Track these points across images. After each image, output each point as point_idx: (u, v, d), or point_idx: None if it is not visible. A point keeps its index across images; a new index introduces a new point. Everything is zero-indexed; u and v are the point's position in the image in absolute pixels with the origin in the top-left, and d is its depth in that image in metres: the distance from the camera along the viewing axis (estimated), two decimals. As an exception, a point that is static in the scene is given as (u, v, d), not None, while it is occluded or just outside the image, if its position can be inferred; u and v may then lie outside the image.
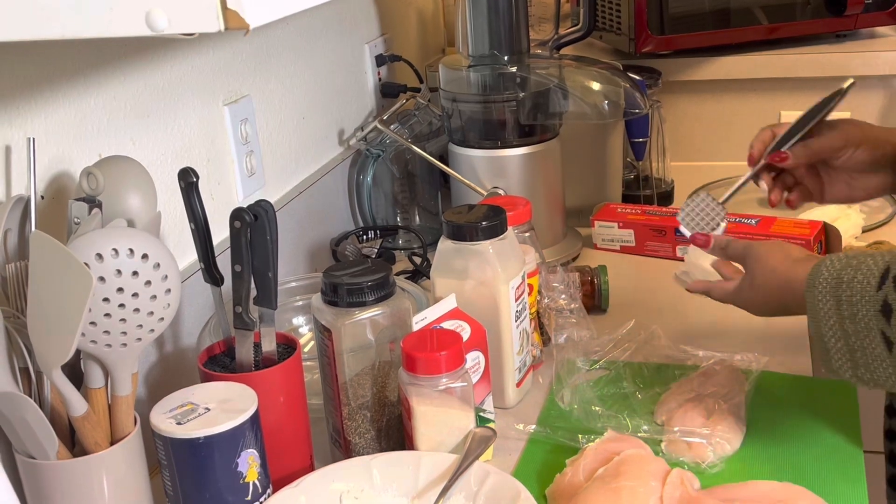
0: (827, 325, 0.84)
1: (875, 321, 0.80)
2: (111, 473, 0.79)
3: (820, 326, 0.85)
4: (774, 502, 0.82)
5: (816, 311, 0.85)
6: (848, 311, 0.82)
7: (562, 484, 0.90)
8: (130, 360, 0.78)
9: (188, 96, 1.11)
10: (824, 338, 0.84)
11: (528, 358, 1.10)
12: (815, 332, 0.85)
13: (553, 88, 1.35)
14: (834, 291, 0.83)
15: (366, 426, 0.95)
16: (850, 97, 1.75)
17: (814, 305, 0.85)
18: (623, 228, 1.46)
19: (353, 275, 0.92)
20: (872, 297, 0.80)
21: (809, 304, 0.86)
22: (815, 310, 0.85)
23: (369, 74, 1.62)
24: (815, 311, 0.85)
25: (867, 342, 0.81)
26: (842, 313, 0.82)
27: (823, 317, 0.84)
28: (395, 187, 1.56)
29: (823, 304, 0.84)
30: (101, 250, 0.73)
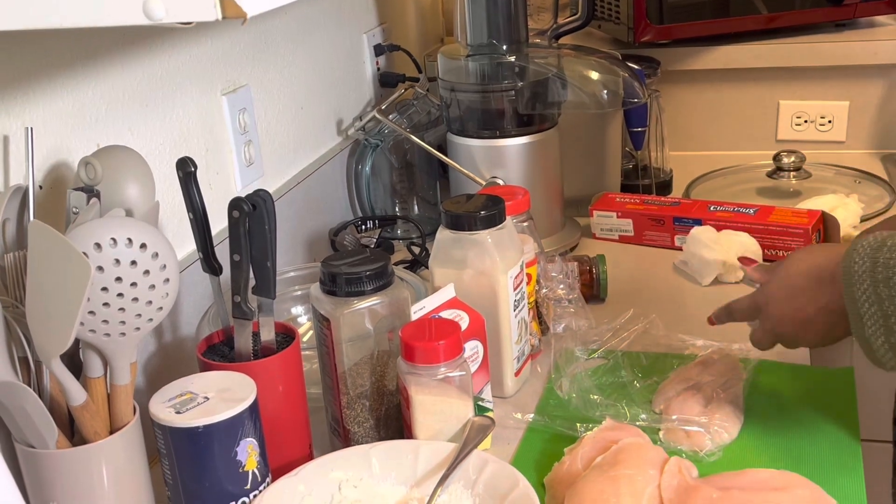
0: (861, 289, 0.81)
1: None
2: (110, 463, 0.79)
3: (853, 290, 0.82)
4: (772, 490, 0.82)
5: (851, 273, 0.82)
6: (883, 274, 0.79)
7: (560, 472, 0.90)
8: (129, 349, 0.78)
9: (186, 86, 1.11)
10: (857, 302, 0.82)
11: (527, 347, 1.10)
12: (848, 297, 0.82)
13: (552, 78, 1.35)
14: (873, 253, 0.81)
15: (365, 415, 0.96)
16: (850, 88, 1.76)
17: (848, 268, 0.82)
18: (622, 218, 1.46)
19: (352, 264, 0.92)
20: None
21: (844, 267, 0.83)
22: (850, 273, 0.82)
23: (368, 64, 1.61)
24: (850, 274, 0.82)
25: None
26: (876, 276, 0.80)
27: (858, 280, 0.81)
28: (393, 177, 1.56)
29: (859, 266, 0.81)
30: (100, 240, 0.73)
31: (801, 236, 1.32)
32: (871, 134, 1.77)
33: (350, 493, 0.86)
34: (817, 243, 0.94)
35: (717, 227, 1.34)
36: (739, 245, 1.30)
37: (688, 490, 0.83)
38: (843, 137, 1.77)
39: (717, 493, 0.81)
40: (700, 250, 1.30)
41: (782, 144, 1.74)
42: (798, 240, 1.32)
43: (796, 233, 1.32)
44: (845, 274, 0.83)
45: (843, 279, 0.83)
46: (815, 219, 1.33)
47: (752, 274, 1.04)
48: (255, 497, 0.83)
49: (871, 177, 1.63)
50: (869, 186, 1.60)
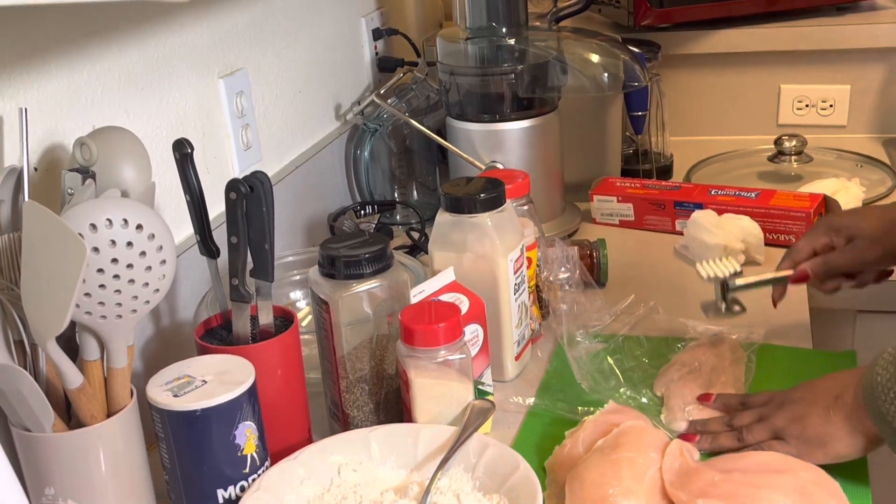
0: (888, 399, 0.77)
1: None
2: (108, 446, 0.78)
3: (879, 405, 0.78)
4: (774, 472, 0.81)
5: (874, 386, 0.78)
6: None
7: (561, 456, 0.90)
8: (126, 331, 0.78)
9: (183, 69, 1.10)
10: (887, 417, 0.77)
11: (527, 331, 1.09)
12: (876, 415, 0.78)
13: (552, 61, 1.34)
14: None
15: (364, 399, 0.95)
16: (851, 72, 1.75)
17: (871, 381, 0.79)
18: (622, 203, 1.45)
19: (351, 247, 0.92)
20: None
21: (866, 382, 0.79)
22: (873, 386, 0.78)
23: (366, 48, 1.60)
24: (873, 387, 0.78)
25: None
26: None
27: (882, 391, 0.77)
28: (392, 162, 1.55)
29: (883, 376, 0.78)
30: (95, 220, 0.72)
31: (803, 220, 1.31)
32: (872, 118, 1.76)
33: (350, 476, 0.86)
34: None
35: (719, 212, 1.33)
36: (741, 229, 1.29)
37: (689, 473, 0.82)
38: (845, 121, 1.76)
39: (718, 476, 0.81)
40: (701, 234, 1.29)
41: (783, 129, 1.73)
42: (799, 223, 1.31)
43: (798, 216, 1.31)
44: (868, 391, 0.79)
45: (865, 398, 0.79)
46: (817, 202, 1.33)
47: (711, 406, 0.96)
48: (254, 481, 0.82)
49: (872, 161, 1.62)
50: (870, 171, 1.59)
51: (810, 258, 1.01)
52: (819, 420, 0.84)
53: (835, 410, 0.83)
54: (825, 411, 0.84)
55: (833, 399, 0.83)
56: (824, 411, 0.84)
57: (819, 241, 1.01)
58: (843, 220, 1.01)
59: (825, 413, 0.83)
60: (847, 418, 0.82)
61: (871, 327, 1.30)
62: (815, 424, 0.84)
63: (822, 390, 0.86)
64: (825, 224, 1.02)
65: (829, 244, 1.00)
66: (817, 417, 0.84)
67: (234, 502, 0.81)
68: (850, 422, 0.82)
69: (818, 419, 0.84)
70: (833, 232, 1.00)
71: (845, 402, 0.82)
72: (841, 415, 0.82)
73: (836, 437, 0.82)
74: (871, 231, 0.98)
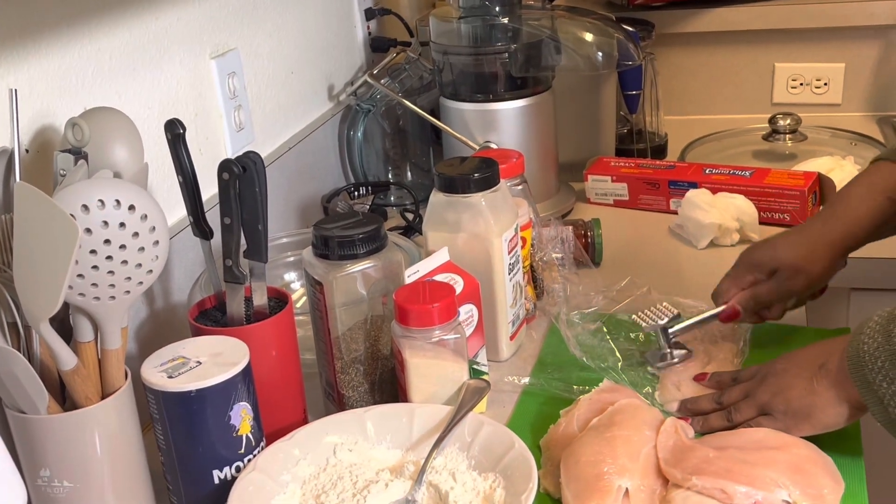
0: (875, 368, 0.75)
1: None
2: (103, 427, 0.78)
3: (866, 374, 0.76)
4: (767, 449, 0.81)
5: (861, 354, 0.76)
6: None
7: (556, 434, 0.90)
8: (119, 312, 0.77)
9: (174, 49, 1.09)
10: (873, 385, 0.75)
11: (522, 311, 1.09)
12: (861, 383, 0.76)
13: (545, 40, 1.33)
14: (885, 327, 0.75)
15: (359, 379, 0.95)
16: (846, 50, 1.74)
17: (857, 349, 0.77)
18: (616, 182, 1.45)
19: (344, 227, 0.91)
20: None
21: (852, 350, 0.77)
22: (859, 354, 0.76)
23: (358, 28, 1.60)
24: (859, 355, 0.76)
25: None
26: (892, 347, 0.74)
27: (870, 359, 0.75)
28: (386, 143, 1.54)
29: (870, 344, 0.76)
30: (87, 201, 0.71)
31: (797, 198, 1.31)
32: (866, 96, 1.75)
33: (345, 456, 0.86)
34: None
35: (713, 190, 1.33)
36: (735, 208, 1.29)
37: (684, 450, 0.82)
38: (839, 100, 1.76)
39: (713, 453, 0.81)
40: (695, 213, 1.29)
41: (778, 107, 1.73)
42: (794, 202, 1.31)
43: (792, 195, 1.31)
44: (853, 360, 0.77)
45: (850, 366, 0.77)
46: (812, 181, 1.32)
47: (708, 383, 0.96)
48: (250, 461, 0.82)
49: (866, 139, 1.62)
50: (864, 149, 1.59)
51: None
52: (803, 391, 0.83)
53: (818, 380, 0.82)
54: (809, 382, 0.82)
55: (817, 368, 0.82)
56: (808, 382, 0.82)
57: (743, 280, 1.00)
58: (762, 255, 0.99)
59: (809, 384, 0.82)
60: (831, 387, 0.81)
61: (864, 305, 1.30)
62: (800, 396, 0.83)
63: (805, 360, 0.85)
64: (745, 261, 1.01)
65: (753, 281, 0.99)
66: (801, 389, 0.83)
67: (229, 483, 0.80)
68: (834, 390, 0.81)
69: (802, 391, 0.83)
70: (754, 268, 0.99)
71: (829, 370, 0.81)
72: (825, 384, 0.81)
73: (821, 408, 0.81)
74: (792, 261, 0.96)
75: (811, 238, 0.97)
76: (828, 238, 0.96)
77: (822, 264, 0.96)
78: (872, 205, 0.95)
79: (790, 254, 0.97)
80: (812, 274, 0.96)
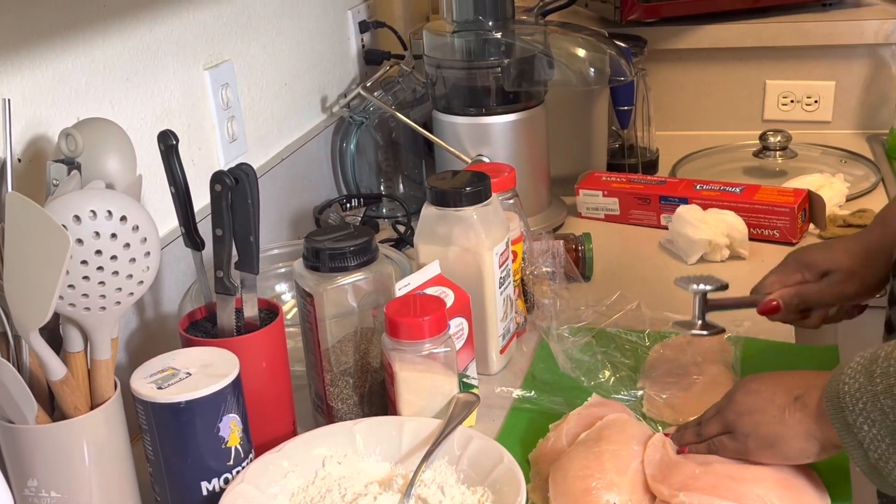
0: (856, 410, 0.71)
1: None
2: (91, 438, 0.78)
3: (846, 415, 0.72)
4: (754, 465, 0.81)
5: (841, 395, 0.73)
6: (883, 385, 0.70)
7: (545, 448, 0.90)
8: (110, 323, 0.77)
9: (168, 60, 1.10)
10: (853, 428, 0.72)
11: (512, 325, 1.09)
12: (841, 425, 0.73)
13: (538, 55, 1.34)
14: (868, 366, 0.72)
15: (348, 392, 0.95)
16: (836, 67, 1.76)
17: (836, 389, 0.73)
18: (608, 197, 1.45)
19: (336, 239, 0.92)
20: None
21: (831, 390, 0.74)
22: (839, 395, 0.73)
23: (352, 41, 1.60)
24: (839, 396, 0.73)
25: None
26: (875, 388, 0.70)
27: (850, 400, 0.72)
28: (378, 156, 1.55)
29: (851, 385, 0.72)
30: (79, 212, 0.71)
31: (787, 215, 1.32)
32: (856, 114, 1.76)
33: (334, 469, 0.86)
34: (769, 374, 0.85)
35: (703, 206, 1.33)
36: (725, 224, 1.30)
37: (670, 466, 0.83)
38: (829, 117, 1.77)
39: (699, 469, 0.81)
40: (686, 229, 1.30)
41: (768, 124, 1.74)
42: (784, 218, 1.32)
43: (782, 211, 1.32)
44: (833, 400, 0.74)
45: (830, 407, 0.74)
46: (801, 198, 1.33)
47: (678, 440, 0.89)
48: (238, 473, 0.82)
49: (856, 156, 1.63)
50: (854, 166, 1.60)
51: None
52: (772, 419, 0.79)
53: (791, 412, 0.78)
54: (780, 411, 0.79)
55: (792, 400, 0.78)
56: (779, 410, 0.79)
57: (791, 278, 0.96)
58: (816, 255, 0.97)
59: (780, 413, 0.78)
60: (803, 421, 0.77)
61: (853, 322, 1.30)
62: (767, 423, 0.79)
63: (780, 387, 0.80)
64: (795, 259, 0.98)
65: (801, 279, 0.96)
66: (770, 416, 0.79)
67: (217, 494, 0.80)
68: (804, 426, 0.77)
69: (771, 418, 0.79)
70: (805, 267, 0.96)
71: (806, 405, 0.77)
72: (798, 417, 0.77)
73: (787, 440, 0.78)
74: (849, 265, 0.94)
75: (870, 245, 0.95)
76: (884, 247, 0.94)
77: (877, 272, 0.94)
78: None
79: (847, 258, 0.95)
80: (867, 280, 0.94)
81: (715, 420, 0.84)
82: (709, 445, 0.84)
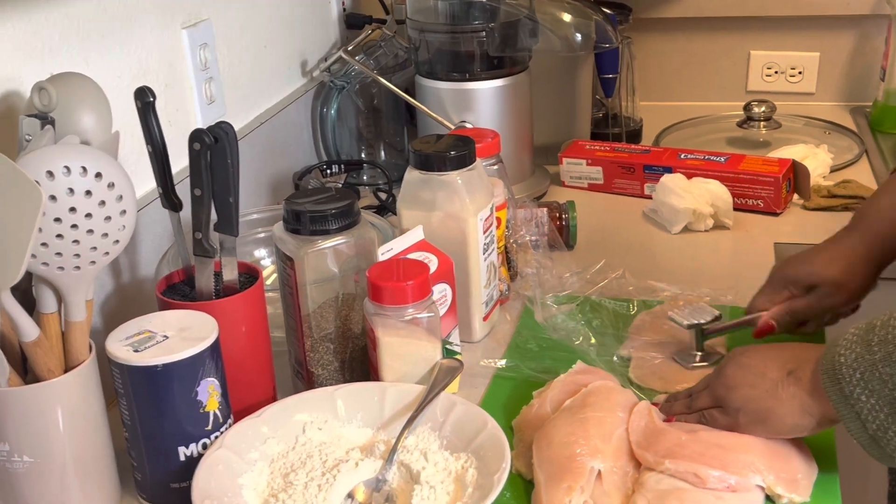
0: (853, 380, 0.71)
1: None
2: (65, 401, 0.76)
3: (843, 387, 0.72)
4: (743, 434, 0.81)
5: (836, 367, 0.72)
6: (882, 353, 0.69)
7: (528, 415, 0.89)
8: (84, 284, 0.75)
9: (145, 17, 1.07)
10: (850, 399, 0.71)
11: (495, 292, 1.08)
12: (838, 397, 0.72)
13: (523, 20, 1.32)
14: (864, 336, 0.72)
15: (329, 358, 0.93)
16: (821, 39, 1.75)
17: (832, 361, 0.73)
18: (591, 166, 1.44)
19: (317, 202, 0.90)
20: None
21: (826, 363, 0.73)
22: (835, 367, 0.72)
23: (333, 4, 1.57)
24: (835, 367, 0.72)
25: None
26: (873, 357, 0.70)
27: (847, 371, 0.71)
28: (359, 122, 1.52)
29: (847, 356, 0.72)
30: (52, 167, 0.69)
31: (772, 185, 1.31)
32: (840, 86, 1.76)
33: (314, 435, 0.84)
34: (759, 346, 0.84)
35: (688, 175, 1.32)
36: (709, 193, 1.29)
37: (655, 433, 0.82)
38: (813, 89, 1.76)
39: (685, 436, 0.80)
40: (670, 198, 1.29)
41: (752, 95, 1.73)
42: (768, 188, 1.31)
43: (767, 181, 1.31)
44: (829, 372, 0.73)
45: (826, 379, 0.73)
46: (786, 167, 1.32)
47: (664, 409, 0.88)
48: (217, 438, 0.81)
49: (840, 128, 1.63)
50: (838, 138, 1.60)
51: None
52: (764, 394, 0.78)
53: (784, 386, 0.77)
54: (773, 385, 0.78)
55: (785, 374, 0.77)
56: (772, 385, 0.78)
57: (779, 296, 0.96)
58: (800, 271, 0.95)
59: (773, 387, 0.77)
60: (796, 396, 0.76)
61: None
62: (759, 398, 0.78)
63: (772, 361, 0.79)
64: (779, 277, 0.97)
65: (788, 296, 0.95)
66: (762, 391, 0.78)
67: (195, 460, 0.79)
68: (798, 400, 0.76)
69: (763, 392, 0.78)
70: (790, 283, 0.95)
71: (799, 379, 0.76)
72: (791, 391, 0.76)
73: (780, 415, 0.77)
74: (833, 277, 0.93)
75: (848, 253, 0.94)
76: (864, 253, 0.93)
77: (861, 280, 0.93)
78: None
79: (830, 270, 0.93)
80: (853, 290, 0.93)
81: (706, 393, 0.83)
82: (699, 417, 0.83)
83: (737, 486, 0.76)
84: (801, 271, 0.95)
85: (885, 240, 0.93)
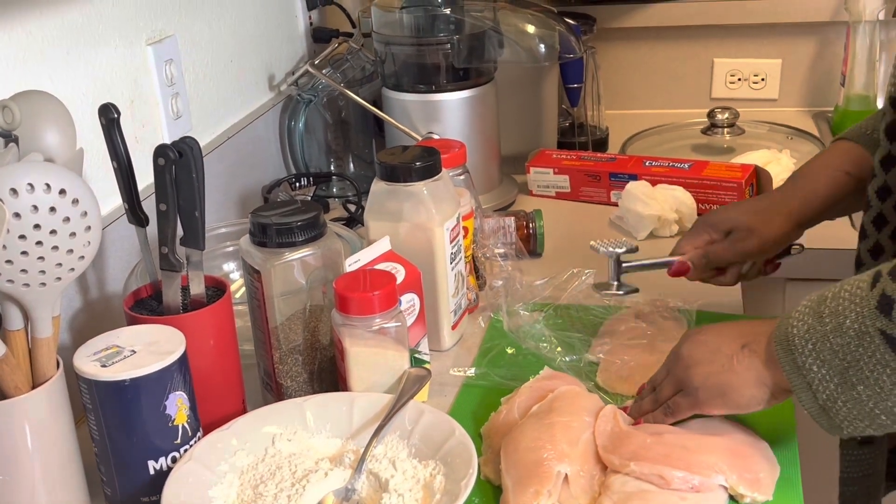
0: (805, 351, 0.73)
1: (871, 320, 0.69)
2: (33, 418, 0.76)
3: (795, 357, 0.73)
4: (706, 435, 0.82)
5: (790, 338, 0.74)
6: (833, 324, 0.71)
7: (496, 422, 0.90)
8: (50, 300, 0.75)
9: (109, 34, 1.07)
10: (803, 370, 0.73)
11: (464, 301, 1.09)
12: (790, 367, 0.74)
13: (488, 31, 1.33)
14: (815, 309, 0.73)
15: (297, 370, 0.94)
16: (781, 45, 1.77)
17: (785, 332, 0.75)
18: (558, 174, 1.45)
19: (283, 214, 0.90)
20: (865, 298, 0.70)
21: (780, 334, 0.75)
22: (788, 337, 0.74)
23: (300, 18, 1.58)
24: (788, 339, 0.74)
25: (862, 350, 0.69)
26: (825, 328, 0.72)
27: (800, 342, 0.73)
28: (328, 134, 1.53)
29: (799, 328, 0.74)
30: (16, 185, 0.69)
31: (735, 190, 1.33)
32: (802, 92, 1.79)
33: (284, 446, 0.85)
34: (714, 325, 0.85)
35: (653, 182, 1.34)
36: (674, 199, 1.30)
37: (621, 436, 0.83)
38: (776, 95, 1.79)
39: (650, 439, 0.81)
40: (635, 205, 1.30)
41: (716, 102, 1.75)
42: (732, 193, 1.33)
43: (730, 186, 1.33)
44: (782, 343, 0.75)
45: (779, 349, 0.75)
46: (749, 173, 1.34)
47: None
48: (186, 451, 0.81)
49: (802, 133, 1.65)
50: (800, 143, 1.62)
51: None
52: (720, 368, 0.79)
53: (739, 359, 0.79)
54: (728, 359, 0.79)
55: (739, 348, 0.79)
56: (727, 359, 0.79)
57: (699, 239, 1.01)
58: (718, 216, 1.01)
59: (728, 361, 0.79)
60: (751, 368, 0.78)
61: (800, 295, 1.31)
62: (716, 373, 0.80)
63: (727, 336, 0.81)
64: (703, 222, 1.02)
65: (708, 240, 1.00)
66: (718, 366, 0.80)
67: (165, 473, 0.79)
68: (754, 372, 0.78)
69: (719, 367, 0.80)
70: (710, 227, 1.00)
71: (754, 351, 0.78)
72: (746, 364, 0.78)
73: (737, 388, 0.79)
74: (746, 222, 0.98)
75: (768, 204, 1.00)
76: (784, 206, 0.99)
77: (775, 229, 0.98)
78: (829, 179, 0.98)
79: (745, 215, 0.99)
80: (765, 236, 0.98)
81: (667, 382, 0.85)
82: (664, 409, 0.84)
83: (700, 486, 0.78)
84: (722, 216, 1.02)
85: (806, 196, 0.98)
